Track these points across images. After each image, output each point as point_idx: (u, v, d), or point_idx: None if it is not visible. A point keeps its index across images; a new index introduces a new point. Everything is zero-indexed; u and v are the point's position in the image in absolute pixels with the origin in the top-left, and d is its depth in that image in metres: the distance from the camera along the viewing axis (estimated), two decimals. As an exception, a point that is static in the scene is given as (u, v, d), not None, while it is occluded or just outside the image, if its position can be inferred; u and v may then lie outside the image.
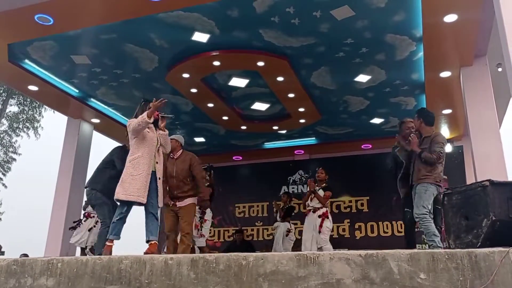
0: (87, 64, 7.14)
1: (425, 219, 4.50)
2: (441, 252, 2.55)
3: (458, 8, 5.41)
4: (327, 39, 6.41)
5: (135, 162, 4.28)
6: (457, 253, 2.50)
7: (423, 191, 4.59)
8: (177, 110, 8.92)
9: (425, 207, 4.53)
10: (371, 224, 9.97)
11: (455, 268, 2.47)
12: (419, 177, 4.69)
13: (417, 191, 4.66)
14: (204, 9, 5.78)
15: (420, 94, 8.04)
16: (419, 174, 4.69)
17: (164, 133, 4.62)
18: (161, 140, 4.58)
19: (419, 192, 4.62)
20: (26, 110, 19.15)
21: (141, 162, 4.29)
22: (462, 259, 2.47)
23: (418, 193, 4.64)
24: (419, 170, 4.71)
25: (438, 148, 4.67)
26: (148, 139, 4.42)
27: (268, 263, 2.65)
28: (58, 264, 3.02)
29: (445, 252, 2.54)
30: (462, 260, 2.47)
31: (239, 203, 10.93)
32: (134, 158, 4.31)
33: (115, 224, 4.30)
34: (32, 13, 5.61)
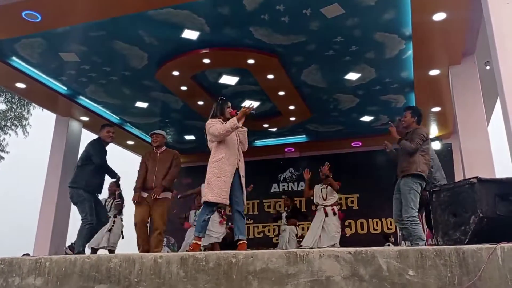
0: (75, 62, 7.08)
1: (413, 222, 4.54)
2: (429, 249, 2.57)
3: (447, 7, 5.45)
4: (317, 37, 6.42)
5: (219, 164, 4.25)
6: (445, 250, 2.53)
7: (407, 192, 4.62)
8: (167, 108, 8.90)
9: (413, 208, 4.56)
10: (361, 221, 10.04)
11: (443, 264, 2.49)
12: (401, 169, 4.74)
13: (402, 190, 4.69)
14: (194, 7, 5.76)
15: (410, 92, 8.10)
16: (401, 167, 4.75)
17: (244, 130, 4.53)
18: (240, 137, 4.52)
19: (404, 192, 4.65)
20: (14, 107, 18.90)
21: (225, 163, 4.26)
22: (450, 255, 2.49)
23: (403, 193, 4.68)
24: (400, 163, 4.78)
25: (417, 138, 4.73)
26: (228, 139, 4.36)
27: (257, 261, 2.66)
28: (46, 263, 2.99)
29: (433, 249, 2.56)
30: (450, 257, 2.49)
31: (230, 201, 10.91)
32: (217, 159, 4.28)
33: (204, 223, 4.27)
34: (20, 10, 5.54)
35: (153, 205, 5.43)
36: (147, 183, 5.53)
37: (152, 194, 5.38)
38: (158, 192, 5.39)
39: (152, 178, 5.51)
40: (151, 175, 5.54)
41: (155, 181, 5.48)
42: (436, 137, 10.03)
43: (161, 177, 5.49)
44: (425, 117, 9.00)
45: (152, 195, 5.37)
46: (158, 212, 5.43)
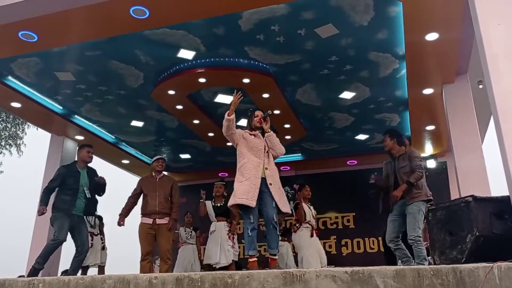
0: (71, 81, 7.10)
1: (419, 242, 4.61)
2: (426, 268, 2.56)
3: (439, 27, 5.53)
4: (312, 56, 6.48)
5: (242, 169, 4.24)
6: (442, 269, 2.51)
7: (416, 212, 4.69)
8: (162, 127, 8.91)
9: (419, 228, 4.64)
10: (357, 240, 10.00)
11: (441, 284, 2.47)
12: (411, 196, 4.78)
13: (411, 211, 4.74)
14: (190, 27, 5.81)
15: (404, 111, 8.16)
16: (411, 194, 4.79)
17: (269, 134, 4.47)
18: (268, 143, 4.44)
19: (413, 212, 4.70)
20: (8, 127, 18.85)
21: (248, 167, 4.21)
22: (447, 275, 2.48)
23: (412, 213, 4.71)
24: (409, 190, 4.80)
25: (418, 162, 4.88)
26: (252, 145, 4.34)
27: (253, 281, 2.63)
28: (39, 285, 2.95)
29: (430, 268, 2.55)
30: (447, 276, 2.48)
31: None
32: (241, 165, 4.28)
33: (250, 238, 4.10)
34: (16, 30, 5.55)
35: (159, 229, 5.67)
36: (149, 207, 5.74)
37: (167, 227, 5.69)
38: (173, 225, 5.84)
39: (154, 203, 5.73)
40: (152, 200, 5.75)
41: (158, 206, 5.70)
42: (431, 156, 10.08)
43: (164, 202, 5.74)
44: (420, 136, 9.09)
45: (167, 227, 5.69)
46: (165, 236, 5.69)
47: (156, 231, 5.68)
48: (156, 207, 5.70)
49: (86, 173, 5.58)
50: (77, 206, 5.39)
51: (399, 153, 5.07)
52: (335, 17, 5.63)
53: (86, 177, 5.56)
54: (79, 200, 5.41)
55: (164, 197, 5.80)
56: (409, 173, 4.83)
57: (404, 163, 4.91)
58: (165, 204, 5.79)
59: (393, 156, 5.14)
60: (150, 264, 5.68)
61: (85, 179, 5.53)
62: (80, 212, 5.45)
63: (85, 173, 5.57)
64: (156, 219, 5.69)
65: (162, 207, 5.73)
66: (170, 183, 5.96)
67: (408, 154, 4.97)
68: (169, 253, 5.69)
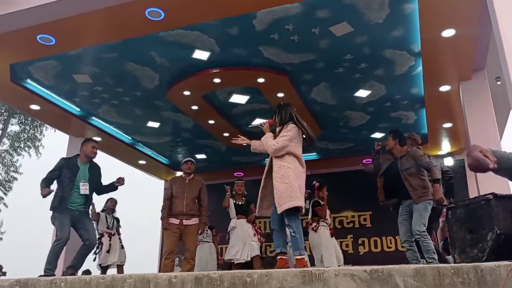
0: (88, 83, 7.19)
1: (426, 237, 4.66)
2: (446, 267, 2.53)
3: (456, 23, 5.47)
4: (327, 55, 6.46)
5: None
6: (463, 268, 2.49)
7: (423, 210, 4.77)
8: (178, 127, 8.97)
9: (424, 225, 4.67)
10: (375, 239, 9.92)
11: (462, 282, 2.44)
12: (418, 195, 4.84)
13: (417, 208, 4.81)
14: (204, 27, 5.84)
15: (420, 108, 8.08)
16: (418, 193, 4.86)
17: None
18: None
19: (420, 210, 4.77)
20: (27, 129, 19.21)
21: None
22: (468, 273, 2.45)
23: (418, 210, 4.79)
24: (415, 189, 4.87)
25: (426, 159, 4.93)
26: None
27: (272, 280, 2.63)
28: (61, 284, 3.00)
29: (451, 267, 2.52)
30: (468, 275, 2.45)
31: (241, 219, 10.87)
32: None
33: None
34: (35, 34, 5.66)
35: (185, 230, 5.72)
36: (177, 208, 5.79)
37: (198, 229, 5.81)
38: (202, 229, 5.96)
39: (182, 204, 5.79)
40: (180, 201, 5.81)
41: (185, 207, 5.76)
42: (448, 153, 9.96)
43: (191, 204, 5.81)
44: (436, 133, 8.99)
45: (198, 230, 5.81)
46: (192, 236, 5.75)
47: (182, 231, 5.73)
48: (183, 208, 5.75)
49: (87, 169, 5.30)
50: (73, 201, 5.11)
51: (401, 154, 5.11)
52: (350, 15, 5.60)
53: (87, 172, 5.27)
54: (74, 195, 5.12)
55: (192, 199, 5.85)
56: (414, 174, 4.87)
57: (409, 164, 4.96)
58: (193, 206, 5.84)
59: (394, 156, 5.16)
60: (173, 263, 5.75)
61: (85, 175, 5.24)
62: (80, 207, 5.16)
63: (86, 168, 5.29)
64: (183, 220, 5.74)
65: (190, 208, 5.78)
66: (199, 185, 6.00)
67: (411, 155, 4.99)
68: (194, 254, 5.77)
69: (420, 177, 4.90)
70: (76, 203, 5.15)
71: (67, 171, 5.16)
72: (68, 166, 5.21)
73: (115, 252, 7.42)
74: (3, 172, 19.13)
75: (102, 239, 7.40)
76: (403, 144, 5.19)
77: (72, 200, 5.12)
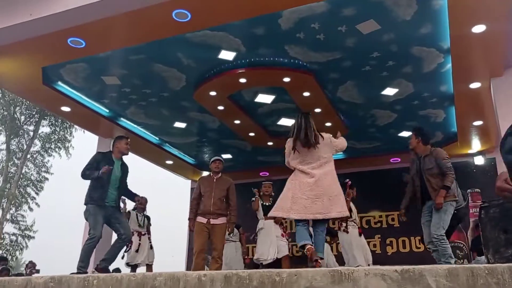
0: (117, 85, 7.33)
1: (443, 240, 4.56)
2: (480, 267, 2.48)
3: (486, 19, 5.34)
4: (353, 53, 6.41)
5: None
6: (497, 268, 2.43)
7: (443, 212, 4.68)
8: (204, 127, 9.05)
9: (444, 228, 4.59)
10: (403, 239, 9.78)
11: (496, 283, 2.39)
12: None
13: (437, 211, 4.71)
14: (230, 28, 5.87)
15: (450, 106, 7.92)
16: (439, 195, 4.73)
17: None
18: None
19: (439, 212, 4.69)
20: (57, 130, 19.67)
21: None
22: (503, 274, 2.39)
23: (438, 213, 4.70)
24: (436, 190, 4.77)
25: (447, 164, 4.82)
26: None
27: (302, 279, 2.63)
28: (94, 281, 3.06)
29: (485, 267, 2.47)
30: (503, 275, 2.39)
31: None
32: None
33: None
34: (65, 37, 5.80)
35: (213, 229, 5.73)
36: (204, 207, 5.80)
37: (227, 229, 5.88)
38: (231, 229, 5.97)
39: (209, 203, 5.80)
40: (208, 201, 5.81)
41: (213, 206, 5.76)
42: (479, 152, 9.73)
43: (219, 203, 5.80)
44: (466, 132, 8.79)
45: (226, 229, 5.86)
46: (219, 236, 5.77)
47: (210, 230, 5.74)
48: (211, 207, 5.75)
49: (120, 166, 5.39)
50: (109, 197, 5.19)
51: (424, 153, 4.99)
52: (377, 13, 5.54)
53: (120, 169, 5.37)
54: (111, 191, 5.21)
55: (219, 198, 5.84)
56: (436, 175, 4.76)
57: (431, 165, 4.87)
58: (220, 205, 5.83)
59: (418, 156, 5.03)
60: (204, 261, 5.75)
61: (119, 171, 5.34)
62: (113, 203, 5.26)
63: (119, 164, 5.38)
64: (210, 219, 5.75)
65: (217, 207, 5.78)
66: (227, 184, 5.98)
67: (434, 156, 4.88)
68: (221, 253, 5.77)
69: (442, 178, 4.81)
70: (111, 198, 5.23)
71: (105, 165, 5.18)
72: (105, 160, 5.28)
73: (144, 252, 7.48)
74: (35, 172, 19.64)
75: (132, 238, 7.50)
76: (426, 142, 5.07)
77: (108, 196, 5.20)
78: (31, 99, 9.09)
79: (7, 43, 5.93)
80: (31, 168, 19.56)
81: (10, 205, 18.07)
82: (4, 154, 18.79)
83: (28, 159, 19.20)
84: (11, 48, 6.05)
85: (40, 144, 19.65)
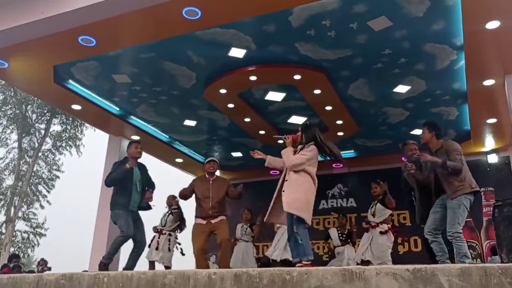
0: (127, 83, 7.34)
1: (459, 238, 4.31)
2: (494, 267, 2.44)
3: (500, 15, 5.25)
4: (365, 50, 6.35)
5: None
6: (511, 267, 2.39)
7: (457, 207, 4.42)
8: (214, 125, 9.04)
9: (460, 224, 4.36)
10: (414, 239, 9.68)
11: (510, 283, 2.35)
12: (453, 190, 4.52)
13: (451, 205, 4.49)
14: (240, 25, 5.85)
15: (463, 104, 7.82)
16: (453, 187, 4.52)
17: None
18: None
19: (453, 207, 4.45)
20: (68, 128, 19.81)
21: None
22: (518, 274, 2.35)
23: (452, 208, 4.46)
24: (450, 183, 4.54)
25: (457, 155, 4.56)
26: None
27: (312, 278, 2.60)
28: (104, 279, 3.07)
29: (498, 267, 2.43)
30: (517, 275, 2.35)
31: (277, 217, 10.87)
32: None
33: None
34: (76, 35, 5.82)
35: (214, 226, 5.66)
36: (203, 211, 5.71)
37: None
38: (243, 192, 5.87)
39: (207, 206, 5.69)
40: (206, 204, 5.71)
41: (212, 210, 5.66)
42: (493, 150, 9.60)
43: (217, 206, 5.70)
44: (480, 130, 8.68)
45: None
46: (223, 228, 5.66)
47: (211, 228, 5.68)
48: (210, 211, 5.68)
49: (138, 169, 5.61)
50: (133, 201, 5.43)
51: (436, 148, 4.79)
52: (389, 9, 5.48)
53: (138, 172, 5.59)
54: (134, 194, 5.43)
55: (218, 201, 5.75)
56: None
57: (443, 158, 4.60)
58: (219, 208, 5.75)
59: (430, 151, 4.86)
60: (207, 262, 5.73)
61: (137, 174, 5.56)
62: (135, 207, 5.48)
63: (137, 168, 5.60)
64: (210, 220, 5.69)
65: (216, 210, 5.71)
66: (225, 186, 5.90)
67: (445, 148, 4.64)
68: (228, 241, 5.66)
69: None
70: (134, 201, 5.44)
71: (126, 174, 5.42)
72: (121, 168, 5.47)
73: (160, 251, 7.35)
74: (46, 170, 19.80)
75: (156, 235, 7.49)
76: (439, 137, 4.86)
77: (133, 200, 5.41)
78: (42, 97, 9.16)
79: (19, 42, 5.97)
80: (43, 166, 19.73)
81: (22, 203, 18.26)
82: (16, 152, 18.98)
83: (40, 157, 19.37)
84: (23, 47, 6.09)
85: (51, 142, 19.80)
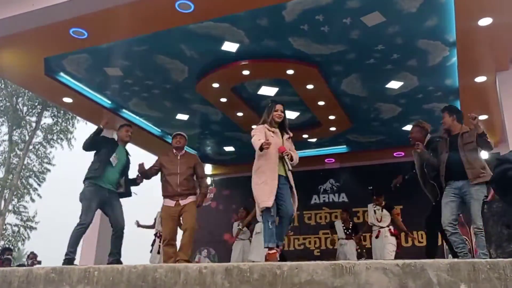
0: (119, 76, 7.29)
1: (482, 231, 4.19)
2: (482, 262, 2.46)
3: (493, 12, 5.28)
4: (358, 46, 6.35)
5: (258, 172, 4.36)
6: (499, 263, 2.41)
7: (482, 198, 4.14)
8: (207, 119, 9.01)
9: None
10: (404, 234, 9.74)
11: (497, 278, 2.37)
12: (476, 175, 4.34)
13: (476, 196, 4.29)
14: (234, 19, 5.82)
15: (454, 100, 7.85)
16: (475, 172, 4.35)
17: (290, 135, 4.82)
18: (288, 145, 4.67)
19: (479, 198, 4.19)
20: (59, 121, 19.71)
21: (263, 170, 4.33)
22: (505, 268, 2.37)
23: (478, 199, 4.22)
24: (473, 167, 4.36)
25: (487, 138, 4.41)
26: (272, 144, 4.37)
27: (302, 272, 2.61)
28: (94, 273, 3.06)
29: (487, 262, 2.45)
30: (504, 270, 2.37)
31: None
32: (256, 169, 4.39)
33: (271, 231, 4.18)
34: (67, 27, 5.77)
35: (183, 209, 5.28)
36: (170, 188, 5.32)
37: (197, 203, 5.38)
38: (202, 201, 5.45)
39: (175, 183, 5.29)
40: (173, 180, 5.30)
41: (180, 187, 5.29)
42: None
43: (185, 182, 5.33)
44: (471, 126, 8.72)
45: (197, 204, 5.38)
46: (191, 212, 5.28)
47: (180, 212, 5.29)
48: (178, 188, 5.27)
49: (125, 152, 5.36)
50: (109, 177, 5.03)
51: (463, 130, 4.64)
52: (382, 5, 5.48)
53: (124, 153, 5.32)
54: (113, 171, 5.08)
55: (186, 178, 5.34)
56: (475, 150, 4.45)
57: (471, 139, 4.48)
58: (187, 185, 5.34)
59: (451, 134, 4.75)
60: (174, 249, 5.29)
61: (121, 153, 5.25)
62: (111, 186, 5.07)
63: (124, 150, 5.34)
64: (179, 200, 5.28)
65: (184, 187, 5.30)
66: (193, 161, 5.53)
67: (475, 131, 4.45)
68: (193, 230, 5.25)
69: (479, 155, 4.48)
70: (111, 180, 5.07)
71: (107, 145, 5.16)
72: (107, 141, 5.27)
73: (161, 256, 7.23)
74: (37, 163, 19.71)
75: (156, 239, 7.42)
76: (460, 120, 4.76)
77: (107, 176, 5.02)
78: (33, 90, 9.07)
79: (9, 34, 5.91)
80: (33, 159, 19.65)
81: (12, 196, 18.16)
82: (7, 145, 18.86)
83: (30, 150, 19.26)
84: (14, 39, 6.03)
85: (42, 135, 19.71)
